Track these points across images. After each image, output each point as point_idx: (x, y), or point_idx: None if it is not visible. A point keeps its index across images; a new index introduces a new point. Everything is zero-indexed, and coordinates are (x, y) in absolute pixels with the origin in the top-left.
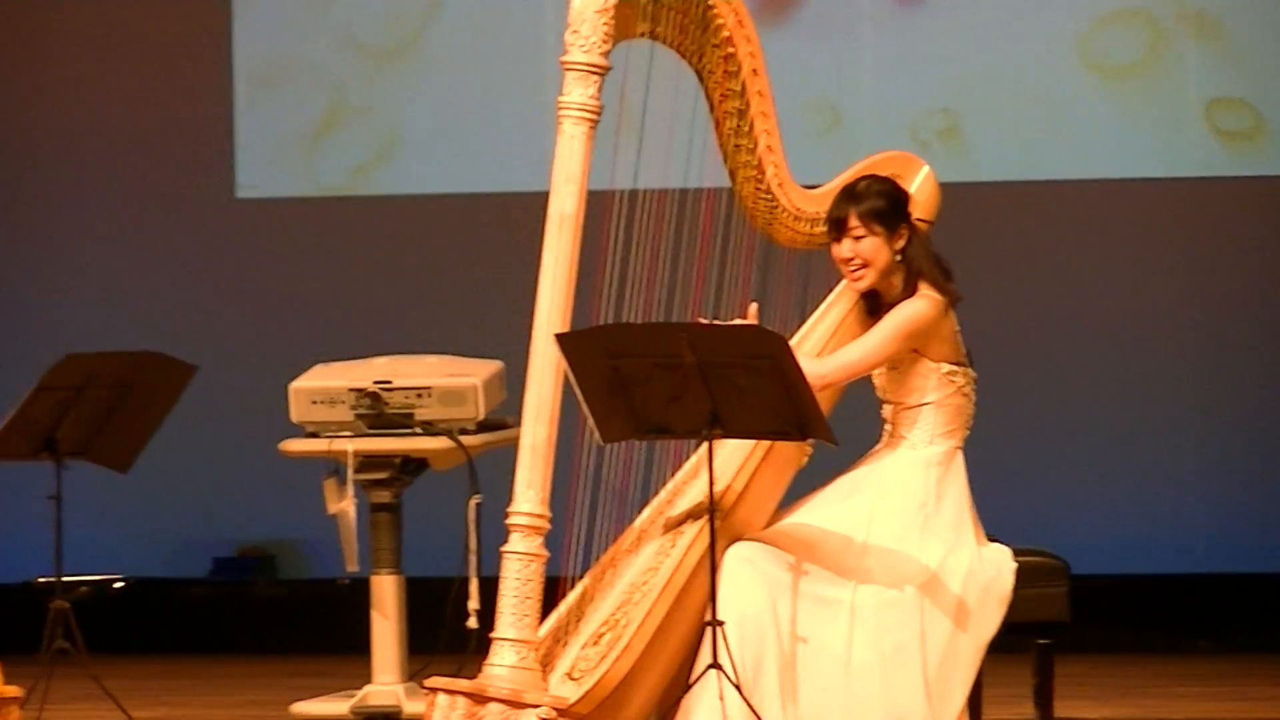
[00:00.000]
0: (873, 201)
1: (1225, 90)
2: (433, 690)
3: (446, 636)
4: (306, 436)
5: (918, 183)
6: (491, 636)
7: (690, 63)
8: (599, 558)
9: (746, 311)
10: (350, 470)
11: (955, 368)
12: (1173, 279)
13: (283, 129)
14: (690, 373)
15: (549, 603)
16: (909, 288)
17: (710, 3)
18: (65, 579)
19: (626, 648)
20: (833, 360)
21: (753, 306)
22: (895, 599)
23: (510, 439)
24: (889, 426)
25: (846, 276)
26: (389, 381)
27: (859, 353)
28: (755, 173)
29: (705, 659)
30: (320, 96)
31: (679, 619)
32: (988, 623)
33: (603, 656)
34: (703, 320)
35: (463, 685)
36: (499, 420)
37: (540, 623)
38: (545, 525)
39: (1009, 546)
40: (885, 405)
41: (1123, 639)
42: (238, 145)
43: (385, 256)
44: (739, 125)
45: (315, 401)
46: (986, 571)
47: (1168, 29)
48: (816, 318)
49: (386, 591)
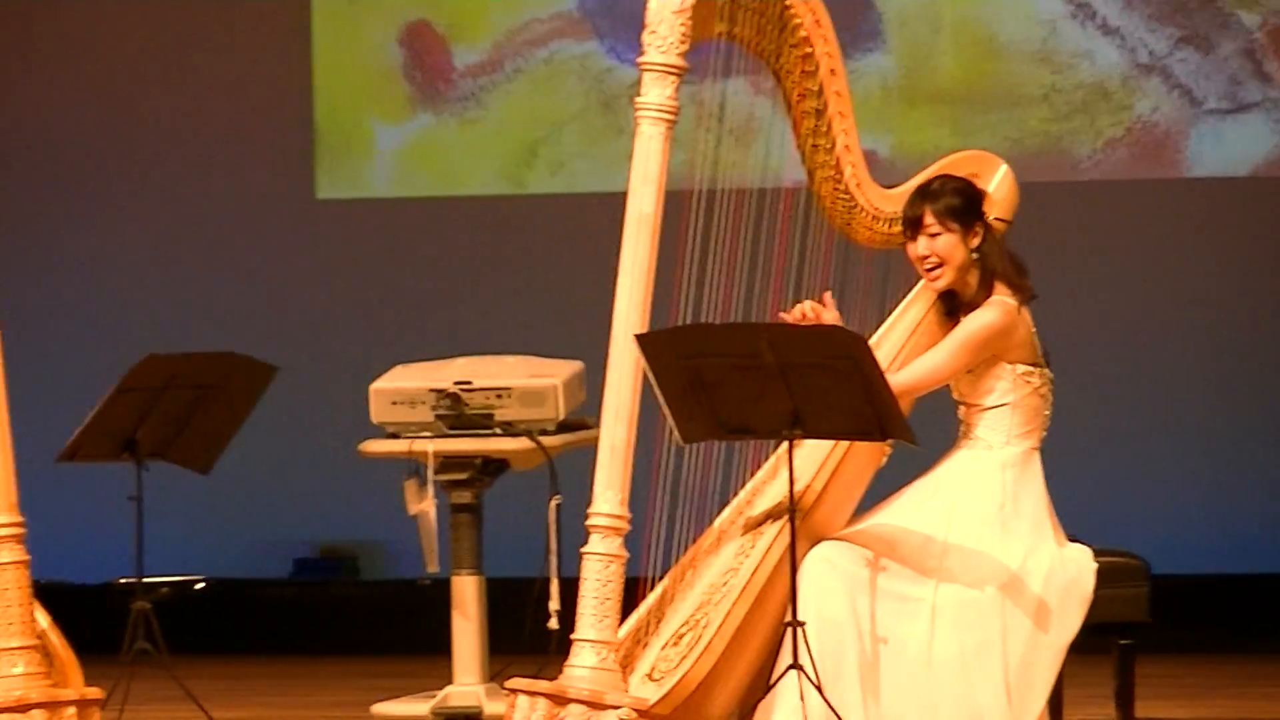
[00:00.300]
0: (948, 199)
1: None
2: (513, 691)
3: (527, 637)
4: (387, 437)
5: (995, 181)
6: (572, 638)
7: (768, 63)
8: (679, 558)
9: (822, 299)
10: (431, 471)
11: (1031, 369)
12: (1260, 277)
13: (362, 129)
14: (770, 373)
15: (629, 603)
16: (985, 287)
17: (788, 3)
18: (146, 580)
19: (707, 648)
20: (902, 376)
21: (827, 294)
22: (976, 598)
23: (590, 439)
24: (964, 427)
25: (923, 275)
26: (469, 382)
27: (928, 368)
28: (833, 172)
29: (786, 659)
30: (397, 96)
31: (759, 619)
32: (1069, 623)
33: (683, 657)
34: (783, 314)
35: (543, 686)
36: (579, 421)
37: (620, 623)
38: (625, 526)
39: (1089, 546)
40: (961, 406)
41: (1204, 639)
42: (318, 146)
43: (466, 257)
44: (817, 125)
45: (396, 402)
46: (1067, 572)
47: None
48: (894, 318)
49: (467, 592)
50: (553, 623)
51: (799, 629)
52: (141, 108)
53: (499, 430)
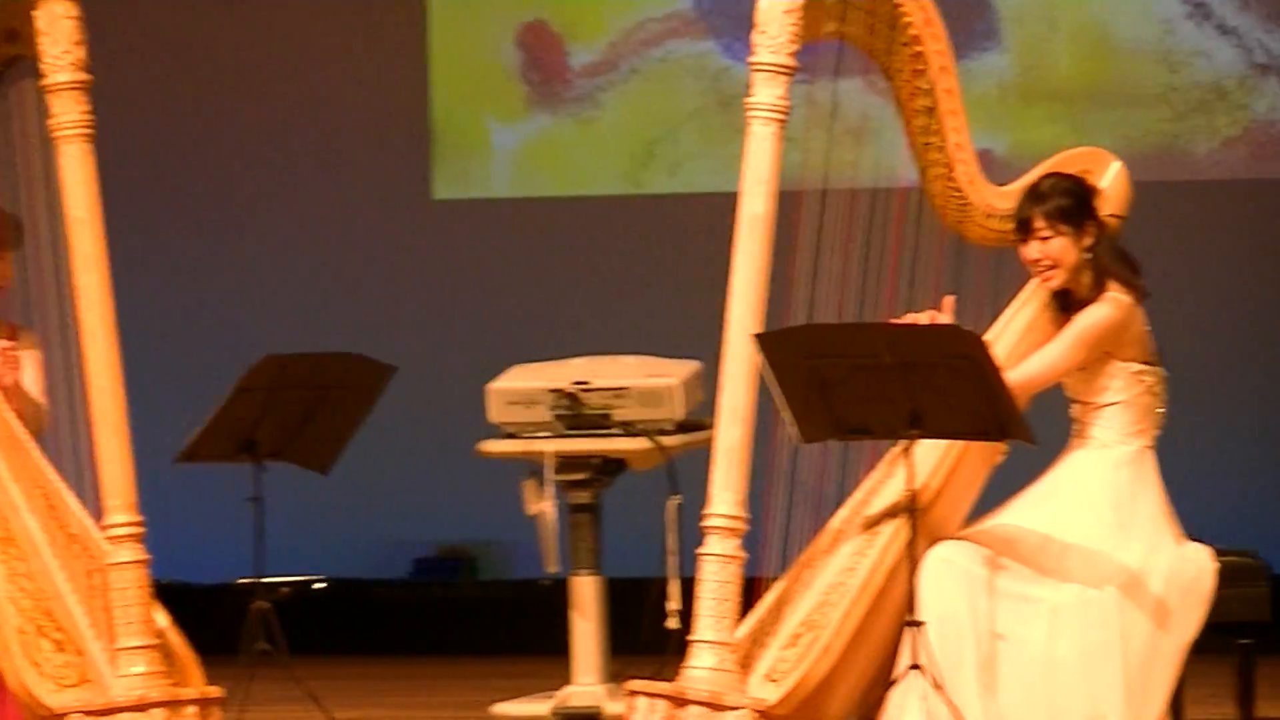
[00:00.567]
0: (1057, 201)
1: None
2: (633, 693)
3: (646, 637)
4: (505, 437)
5: (1109, 178)
6: (690, 639)
7: (878, 61)
8: (796, 558)
9: (942, 304)
10: (549, 471)
11: (1144, 367)
12: None
13: (479, 130)
14: (890, 373)
15: (747, 604)
16: (1097, 286)
17: (898, 1)
18: (266, 580)
19: (825, 649)
20: (1017, 372)
21: (948, 299)
22: (1096, 598)
23: (709, 439)
24: (1077, 426)
25: (1036, 276)
26: (587, 382)
27: (1043, 364)
28: (945, 170)
29: (905, 659)
30: (514, 96)
31: (877, 619)
32: (1188, 623)
33: (801, 658)
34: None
35: (662, 688)
36: (698, 420)
37: (739, 624)
38: (742, 527)
39: (1208, 546)
40: (1075, 404)
41: None
42: (435, 147)
43: (583, 258)
44: (928, 123)
45: (514, 402)
46: (1187, 571)
47: None
48: (1008, 317)
49: (586, 592)
50: (672, 623)
51: (919, 629)
52: (259, 110)
53: (617, 430)
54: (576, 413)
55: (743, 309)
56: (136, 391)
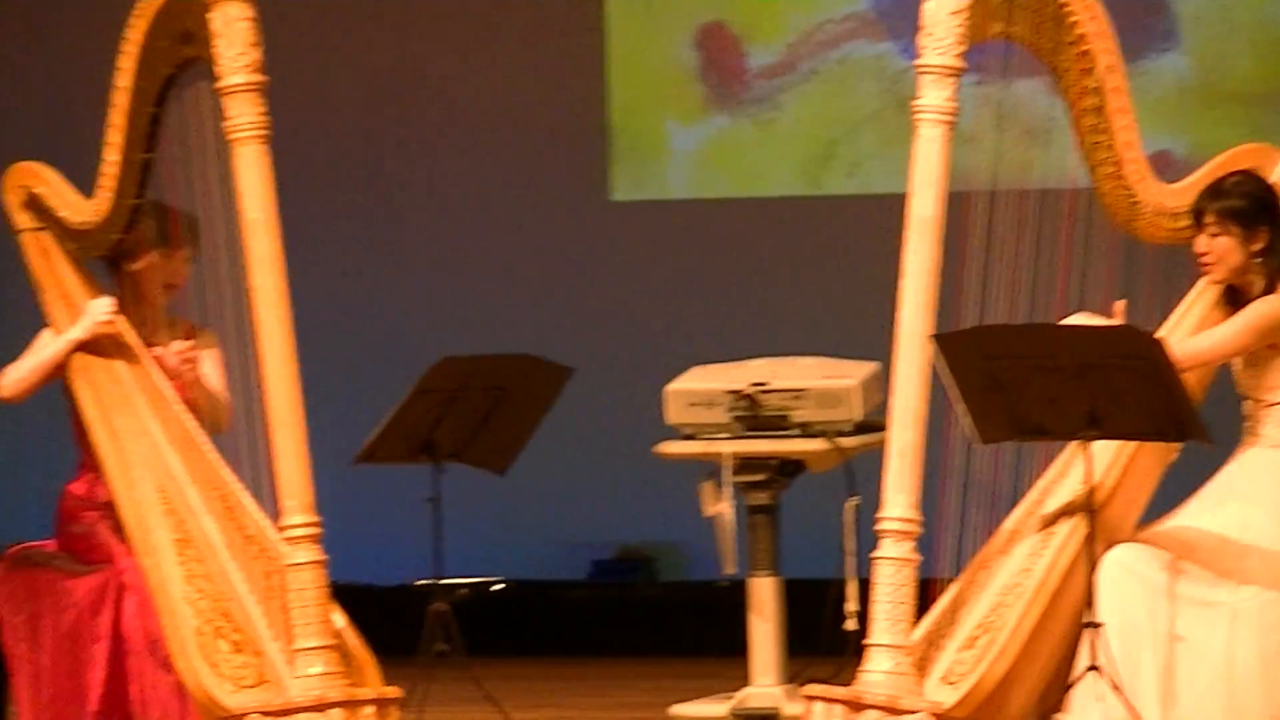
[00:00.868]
0: (1233, 201)
1: None
2: (810, 698)
3: (825, 638)
4: (684, 439)
5: (1278, 174)
6: (866, 643)
7: (1046, 61)
8: (971, 559)
9: (1114, 309)
10: (727, 472)
11: None
12: None
13: (657, 131)
14: (1068, 374)
15: (923, 606)
16: (1269, 289)
17: (1064, 1)
18: (444, 581)
19: (1002, 650)
20: (1184, 348)
21: (1120, 304)
22: (1276, 599)
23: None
24: (1249, 424)
25: (1200, 268)
26: (766, 383)
27: (1208, 342)
28: (1114, 169)
29: (1084, 661)
30: (692, 97)
31: (1054, 621)
32: None
33: (978, 660)
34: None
35: (839, 693)
36: (877, 422)
37: (914, 627)
38: (916, 529)
39: None
40: (1246, 401)
41: None
42: (613, 148)
43: (762, 258)
44: (1097, 122)
45: (692, 404)
46: None
47: None
48: (1179, 315)
49: (765, 593)
50: (850, 624)
51: (1097, 630)
52: (437, 112)
53: (796, 431)
54: (755, 414)
55: (913, 310)
56: (314, 392)
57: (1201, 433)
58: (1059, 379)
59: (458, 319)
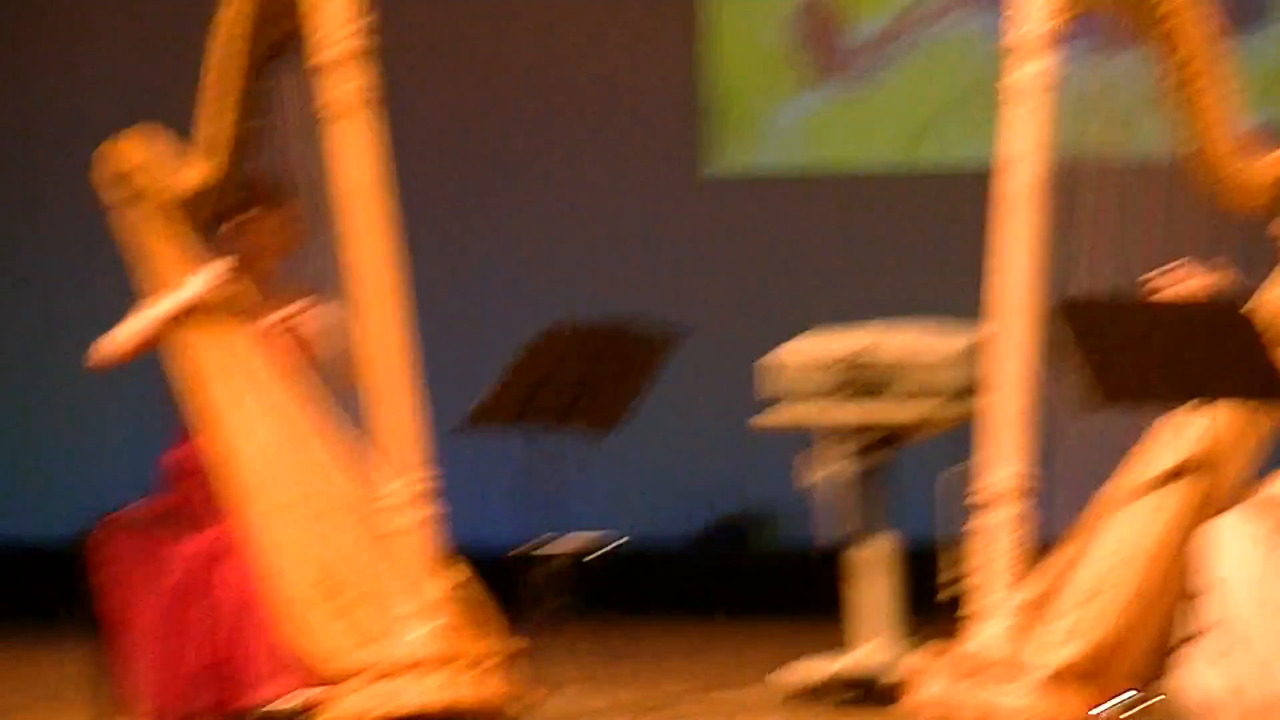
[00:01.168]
0: None
1: None
2: (923, 659)
3: (934, 601)
4: (783, 407)
5: None
6: (979, 604)
7: (1139, 33)
8: (1082, 520)
9: (1215, 267)
10: (831, 438)
11: None
12: None
13: (754, 106)
14: (1178, 341)
15: (1034, 567)
16: None
17: None
18: (559, 540)
19: (1116, 610)
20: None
21: (1212, 265)
22: None
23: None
24: None
25: None
26: (870, 350)
27: None
28: (1208, 141)
29: (1198, 621)
30: (789, 72)
31: (1167, 581)
32: None
33: (1091, 621)
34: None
35: (952, 654)
36: (981, 387)
37: (1026, 588)
38: (1027, 491)
39: None
40: None
41: None
42: (707, 124)
43: (858, 233)
44: (1190, 94)
45: (793, 371)
46: None
47: None
48: (1270, 282)
49: (873, 556)
50: (959, 587)
51: (1210, 590)
52: (533, 86)
53: (901, 398)
54: (860, 380)
55: (1013, 280)
56: (427, 357)
57: None
58: (1172, 345)
59: (558, 291)
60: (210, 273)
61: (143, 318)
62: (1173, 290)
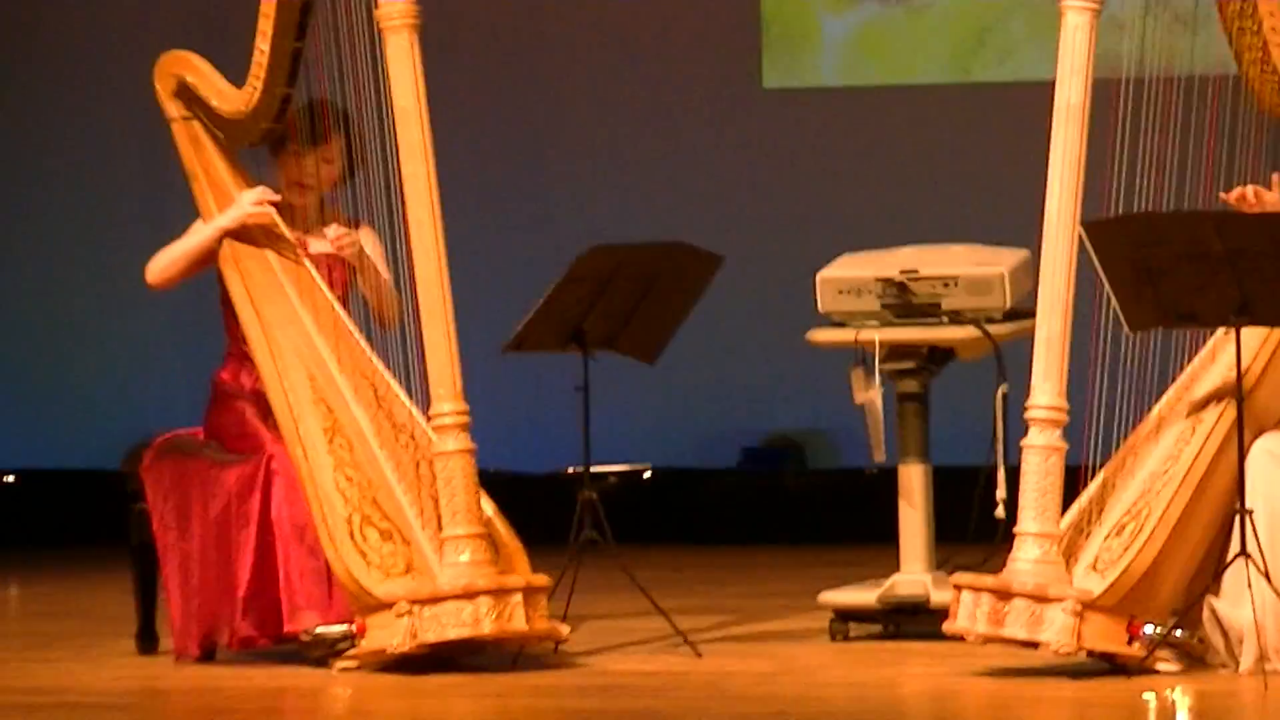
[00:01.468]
0: None
1: None
2: (958, 587)
3: (974, 526)
4: (833, 326)
5: None
6: (1014, 531)
7: None
8: (1118, 446)
9: (1272, 182)
10: (877, 360)
11: None
12: None
13: (809, 19)
14: (1219, 261)
15: (1070, 493)
16: None
17: None
18: (593, 469)
19: (1150, 538)
20: None
21: (1276, 176)
22: None
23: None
24: None
25: None
26: (915, 271)
27: None
28: (1260, 54)
29: (1233, 548)
30: None
31: (1202, 507)
32: None
33: (1126, 547)
34: (1222, 195)
35: (987, 582)
36: (1027, 309)
37: (1062, 515)
38: (1063, 417)
39: None
40: None
41: None
42: (765, 36)
43: (912, 146)
44: (1242, 7)
45: (842, 291)
46: None
47: None
48: None
49: (914, 481)
50: (999, 512)
51: (1246, 516)
52: (591, 2)
53: (945, 319)
54: (905, 301)
55: (1060, 198)
56: (465, 281)
57: None
58: (1209, 265)
59: (609, 206)
60: (249, 199)
61: (179, 247)
62: (1248, 207)
